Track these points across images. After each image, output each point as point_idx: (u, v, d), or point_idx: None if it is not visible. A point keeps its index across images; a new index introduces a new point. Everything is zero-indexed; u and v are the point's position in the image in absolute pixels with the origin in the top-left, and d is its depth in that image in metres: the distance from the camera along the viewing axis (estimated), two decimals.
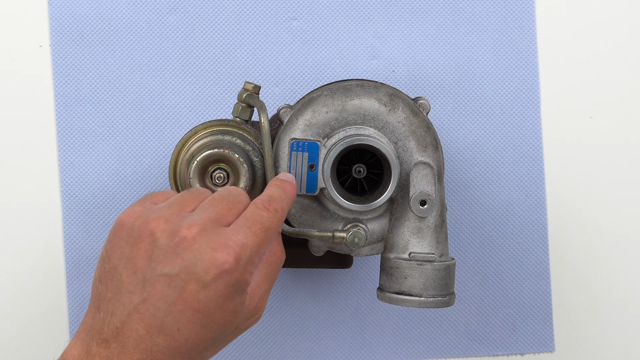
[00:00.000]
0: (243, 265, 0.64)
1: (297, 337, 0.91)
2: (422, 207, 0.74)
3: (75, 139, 0.90)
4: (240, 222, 0.66)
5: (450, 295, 0.75)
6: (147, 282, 0.63)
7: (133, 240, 0.65)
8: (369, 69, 0.91)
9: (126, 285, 0.64)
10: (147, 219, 0.65)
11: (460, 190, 0.91)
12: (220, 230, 0.65)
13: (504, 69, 0.91)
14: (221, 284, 0.63)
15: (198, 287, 0.63)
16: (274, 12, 0.91)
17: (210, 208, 0.66)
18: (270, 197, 0.68)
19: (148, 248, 0.64)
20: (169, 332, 0.63)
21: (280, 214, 0.68)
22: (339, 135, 0.75)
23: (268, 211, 0.67)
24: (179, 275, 0.63)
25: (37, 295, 0.90)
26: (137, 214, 0.66)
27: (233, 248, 0.63)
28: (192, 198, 0.68)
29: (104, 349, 0.63)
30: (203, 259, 0.63)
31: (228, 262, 0.63)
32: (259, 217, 0.66)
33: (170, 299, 0.63)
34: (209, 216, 0.65)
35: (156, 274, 0.63)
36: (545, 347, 0.92)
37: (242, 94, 0.77)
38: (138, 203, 0.68)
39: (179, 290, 0.63)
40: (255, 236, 0.65)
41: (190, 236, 0.64)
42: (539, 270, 0.92)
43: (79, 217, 0.90)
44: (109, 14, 0.90)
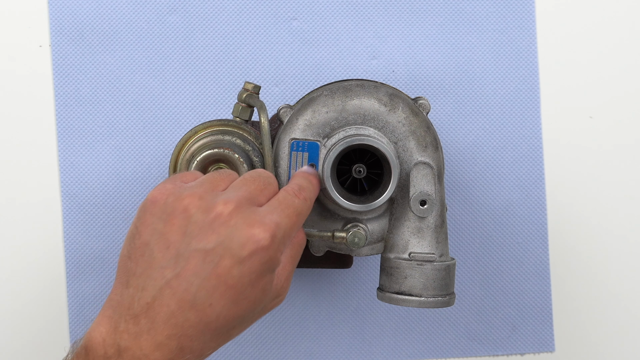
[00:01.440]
0: (277, 244, 0.64)
1: (297, 337, 0.91)
2: (422, 207, 0.74)
3: (75, 139, 0.90)
4: (274, 203, 0.66)
5: (450, 295, 0.75)
6: (180, 257, 0.63)
7: (166, 216, 0.65)
8: (369, 69, 0.91)
9: (158, 261, 0.64)
10: (180, 195, 0.65)
11: (460, 190, 0.91)
12: (255, 209, 0.65)
13: (504, 69, 0.91)
14: (256, 261, 0.63)
15: (233, 262, 0.63)
16: (274, 12, 0.91)
17: (244, 187, 0.67)
18: (300, 186, 0.70)
19: (182, 224, 0.64)
20: (201, 307, 0.63)
21: (309, 202, 0.69)
22: (339, 135, 0.75)
23: (299, 198, 0.68)
24: (214, 250, 0.63)
25: (37, 295, 0.90)
26: (169, 190, 0.66)
27: (269, 225, 0.64)
28: (222, 178, 0.69)
29: (132, 325, 0.63)
30: (240, 235, 0.63)
31: (265, 239, 0.63)
32: (291, 202, 0.67)
33: (204, 273, 0.63)
34: (243, 194, 0.66)
35: (191, 249, 0.63)
36: (545, 347, 0.92)
37: (242, 94, 0.77)
38: (168, 180, 0.68)
39: (213, 265, 0.63)
40: (289, 218, 0.66)
41: (226, 212, 0.64)
42: (539, 270, 0.92)
43: (79, 217, 0.90)
44: (109, 14, 0.90)
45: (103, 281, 0.90)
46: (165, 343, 0.62)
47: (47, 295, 0.90)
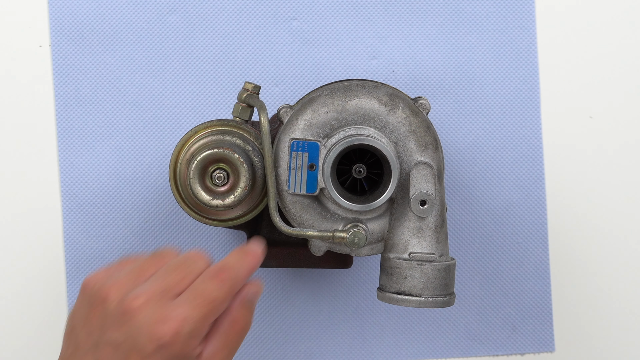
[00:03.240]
0: (183, 339, 0.65)
1: (297, 337, 0.91)
2: (422, 207, 0.74)
3: (75, 139, 0.90)
4: (186, 294, 0.67)
5: (450, 295, 0.75)
6: (97, 347, 0.66)
7: (91, 303, 0.68)
8: (369, 69, 0.91)
9: (82, 346, 0.67)
10: (104, 284, 0.68)
11: (460, 190, 0.91)
12: (164, 303, 0.66)
13: (504, 69, 0.91)
14: (162, 357, 0.65)
15: (139, 357, 0.65)
16: (274, 12, 0.91)
17: (161, 278, 0.68)
18: (223, 265, 0.69)
19: (101, 313, 0.67)
20: None
21: (230, 283, 0.68)
22: (339, 135, 0.75)
23: (215, 282, 0.67)
24: (124, 344, 0.65)
25: (37, 295, 0.90)
26: (99, 277, 0.69)
27: (173, 322, 0.65)
28: (153, 264, 0.70)
29: None
30: (144, 331, 0.65)
31: (166, 336, 0.64)
32: (203, 288, 0.67)
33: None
34: (158, 286, 0.67)
35: (104, 340, 0.66)
36: (545, 347, 0.92)
37: (242, 94, 0.77)
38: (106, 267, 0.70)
39: (124, 357, 0.65)
40: (198, 309, 0.66)
41: (135, 306, 0.65)
42: (539, 270, 0.92)
43: (79, 217, 0.90)
44: (109, 14, 0.90)
45: None
46: None
47: (47, 295, 0.90)
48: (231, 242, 0.90)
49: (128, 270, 0.69)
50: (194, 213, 0.78)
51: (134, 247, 0.90)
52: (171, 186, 0.77)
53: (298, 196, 0.76)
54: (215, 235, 0.90)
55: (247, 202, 0.77)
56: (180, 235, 0.90)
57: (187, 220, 0.90)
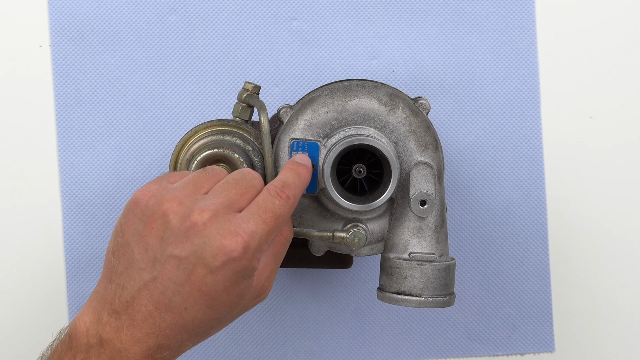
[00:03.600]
0: (251, 253, 0.65)
1: (297, 337, 0.91)
2: (422, 207, 0.74)
3: (75, 139, 0.90)
4: (252, 209, 0.67)
5: (450, 295, 0.75)
6: (157, 262, 0.65)
7: (146, 218, 0.66)
8: (369, 69, 0.91)
9: (137, 262, 0.65)
10: (162, 199, 0.66)
11: (460, 190, 0.91)
12: (231, 217, 0.65)
13: (504, 69, 0.91)
14: (228, 270, 0.64)
15: (206, 271, 0.64)
16: (274, 12, 0.91)
17: (224, 192, 0.67)
18: (284, 183, 0.69)
19: (160, 228, 0.65)
20: (176, 310, 0.65)
21: (292, 200, 0.69)
22: (339, 135, 0.75)
23: (280, 198, 0.68)
24: (188, 259, 0.64)
25: (37, 295, 0.90)
26: (152, 192, 0.67)
27: (242, 236, 0.64)
28: (207, 179, 0.69)
29: (114, 319, 0.65)
30: (212, 245, 0.64)
31: (236, 250, 0.64)
32: (270, 204, 0.67)
33: (179, 279, 0.64)
34: (221, 201, 0.66)
35: (166, 255, 0.65)
36: (545, 347, 0.92)
37: (242, 94, 0.77)
38: (154, 181, 0.69)
39: (187, 272, 0.64)
40: (266, 224, 0.66)
41: (201, 221, 0.65)
42: (539, 270, 0.92)
43: (79, 217, 0.90)
44: (109, 14, 0.90)
45: None
46: (143, 339, 0.65)
47: (47, 295, 0.90)
48: None
49: (182, 184, 0.68)
50: None
51: None
52: None
53: None
54: None
55: None
56: None
57: None
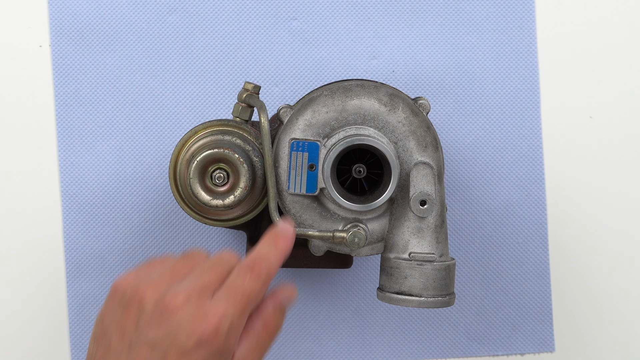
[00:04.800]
0: (224, 335, 0.65)
1: (297, 337, 0.91)
2: (422, 207, 0.74)
3: (75, 139, 0.90)
4: (222, 290, 0.67)
5: (450, 295, 0.75)
6: (132, 347, 0.66)
7: (124, 305, 0.67)
8: (369, 69, 0.91)
9: (114, 348, 0.67)
10: (137, 285, 0.68)
11: (460, 190, 0.91)
12: (203, 301, 0.66)
13: (504, 69, 0.91)
14: (202, 353, 0.65)
15: (178, 354, 0.65)
16: (274, 12, 0.91)
17: (199, 277, 0.68)
18: (256, 258, 0.69)
19: (136, 314, 0.67)
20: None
21: (264, 276, 0.68)
22: (339, 135, 0.75)
23: (250, 277, 0.68)
24: (161, 343, 0.65)
25: (37, 295, 0.90)
26: (130, 279, 0.69)
27: (212, 318, 0.65)
28: (185, 265, 0.70)
29: None
30: (184, 328, 0.65)
31: (207, 332, 0.65)
32: (240, 284, 0.67)
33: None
34: (195, 285, 0.67)
35: (140, 340, 0.66)
36: (545, 347, 0.92)
37: (242, 94, 0.77)
38: (134, 270, 0.70)
39: (161, 356, 0.65)
40: (236, 304, 0.66)
41: (174, 305, 0.66)
42: (539, 270, 0.92)
43: (79, 217, 0.90)
44: (109, 14, 0.90)
45: (103, 281, 0.90)
46: None
47: (47, 295, 0.90)
48: (231, 242, 0.90)
49: (161, 270, 0.69)
50: (194, 213, 0.78)
51: (134, 247, 0.90)
52: (171, 186, 0.77)
53: (298, 196, 0.76)
54: (215, 235, 0.90)
55: (247, 202, 0.77)
56: (180, 235, 0.90)
57: (187, 220, 0.90)
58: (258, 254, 0.69)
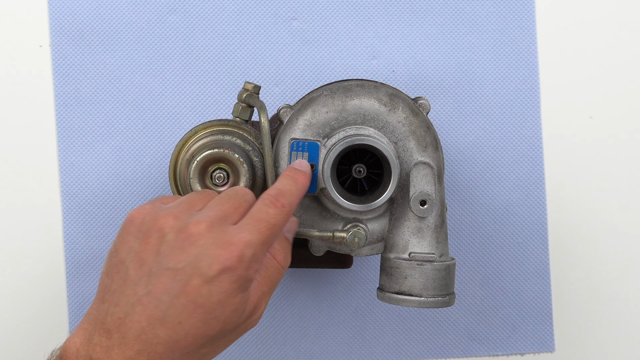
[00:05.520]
0: (247, 263, 0.65)
1: (297, 337, 0.91)
2: (422, 207, 0.74)
3: (75, 139, 0.90)
4: (247, 219, 0.67)
5: (450, 295, 0.75)
6: (152, 275, 0.65)
7: (142, 235, 0.66)
8: (369, 69, 0.91)
9: (132, 278, 0.66)
10: (157, 215, 0.67)
11: (460, 190, 0.91)
12: (226, 228, 0.66)
13: (504, 69, 0.91)
14: (224, 280, 0.64)
15: (201, 281, 0.64)
16: (274, 12, 0.91)
17: (218, 207, 0.68)
18: (279, 191, 0.69)
19: (156, 243, 0.66)
20: (170, 324, 0.64)
21: (287, 208, 0.69)
22: (339, 135, 0.75)
23: (275, 207, 0.68)
24: (184, 270, 0.64)
25: (37, 295, 0.90)
26: (146, 210, 0.68)
27: (237, 245, 0.65)
28: (200, 198, 0.70)
29: (105, 339, 0.65)
30: (208, 255, 0.64)
31: (231, 259, 0.64)
32: (264, 214, 0.67)
33: (174, 291, 0.64)
34: (216, 214, 0.67)
35: (162, 268, 0.65)
36: (545, 347, 0.92)
37: (242, 94, 0.77)
38: (148, 202, 0.69)
39: (183, 283, 0.64)
40: (260, 233, 0.66)
41: (197, 232, 0.65)
42: (539, 270, 0.92)
43: (79, 217, 0.90)
44: (109, 14, 0.90)
45: None
46: (134, 358, 0.64)
47: (47, 295, 0.90)
48: None
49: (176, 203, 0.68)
50: None
51: None
52: (171, 186, 0.77)
53: None
54: None
55: None
56: None
57: None
58: (279, 189, 0.70)
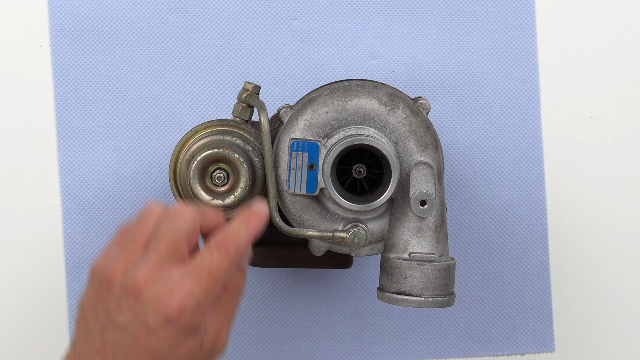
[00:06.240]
0: (190, 312, 0.66)
1: (297, 337, 0.91)
2: (422, 207, 0.74)
3: (75, 139, 0.90)
4: (190, 267, 0.67)
5: (450, 295, 0.75)
6: (104, 330, 0.67)
7: (96, 289, 0.68)
8: (369, 69, 0.91)
9: (91, 330, 0.68)
10: (107, 270, 0.68)
11: (460, 190, 0.91)
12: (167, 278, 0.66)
13: (504, 69, 0.91)
14: (170, 330, 0.66)
15: (148, 334, 0.65)
16: (274, 12, 0.91)
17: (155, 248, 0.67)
18: (225, 235, 0.69)
19: (106, 298, 0.67)
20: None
21: (233, 253, 0.68)
22: (339, 135, 0.75)
23: (219, 252, 0.68)
24: (131, 324, 0.66)
25: (37, 295, 0.90)
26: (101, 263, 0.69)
27: (177, 296, 0.66)
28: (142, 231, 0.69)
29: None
30: (150, 308, 0.65)
31: (172, 309, 0.65)
32: (207, 261, 0.67)
33: (125, 344, 0.66)
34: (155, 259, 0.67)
35: (111, 322, 0.66)
36: (545, 347, 0.92)
37: (242, 94, 0.77)
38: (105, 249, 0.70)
39: (132, 337, 0.66)
40: (201, 283, 0.66)
41: (138, 288, 0.66)
42: (539, 270, 0.92)
43: (79, 217, 0.90)
44: (109, 14, 0.90)
45: None
46: None
47: (47, 295, 0.90)
48: None
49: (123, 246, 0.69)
50: None
51: None
52: (171, 186, 0.77)
53: (298, 196, 0.76)
54: None
55: (247, 202, 0.77)
56: None
57: None
58: (227, 232, 0.69)
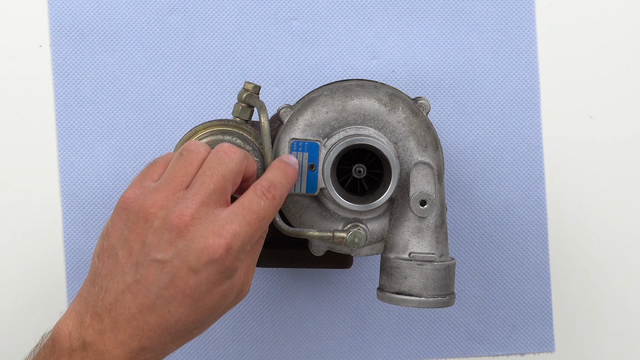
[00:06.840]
0: (234, 254, 0.65)
1: (297, 337, 0.91)
2: (422, 207, 0.74)
3: (75, 139, 0.90)
4: (237, 209, 0.67)
5: (450, 295, 0.75)
6: (140, 265, 0.65)
7: (131, 223, 0.67)
8: (369, 69, 0.91)
9: (121, 265, 0.66)
10: (144, 203, 0.67)
11: (460, 190, 0.91)
12: (213, 217, 0.66)
13: (504, 69, 0.91)
14: (211, 272, 0.65)
15: (189, 273, 0.64)
16: (274, 12, 0.91)
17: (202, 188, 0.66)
18: (271, 182, 0.69)
19: (143, 233, 0.66)
20: (160, 313, 0.65)
21: (278, 201, 0.69)
22: (339, 135, 0.75)
23: (266, 199, 0.68)
24: (171, 262, 0.65)
25: (37, 295, 0.90)
26: (135, 195, 0.68)
27: (225, 237, 0.65)
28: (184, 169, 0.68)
29: (97, 322, 0.65)
30: (195, 247, 0.64)
31: (218, 252, 0.65)
32: (255, 205, 0.67)
33: (162, 283, 0.65)
34: (201, 199, 0.66)
35: (149, 259, 0.65)
36: (545, 347, 0.92)
37: (242, 94, 0.77)
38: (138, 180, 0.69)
39: (170, 275, 0.65)
40: (249, 226, 0.66)
41: (183, 224, 0.65)
42: (539, 270, 0.92)
43: (79, 217, 0.90)
44: (109, 14, 0.90)
45: None
46: (127, 342, 0.65)
47: (47, 295, 0.90)
48: None
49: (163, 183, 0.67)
50: None
51: None
52: None
53: (298, 196, 0.76)
54: None
55: None
56: None
57: None
58: (272, 180, 0.69)
